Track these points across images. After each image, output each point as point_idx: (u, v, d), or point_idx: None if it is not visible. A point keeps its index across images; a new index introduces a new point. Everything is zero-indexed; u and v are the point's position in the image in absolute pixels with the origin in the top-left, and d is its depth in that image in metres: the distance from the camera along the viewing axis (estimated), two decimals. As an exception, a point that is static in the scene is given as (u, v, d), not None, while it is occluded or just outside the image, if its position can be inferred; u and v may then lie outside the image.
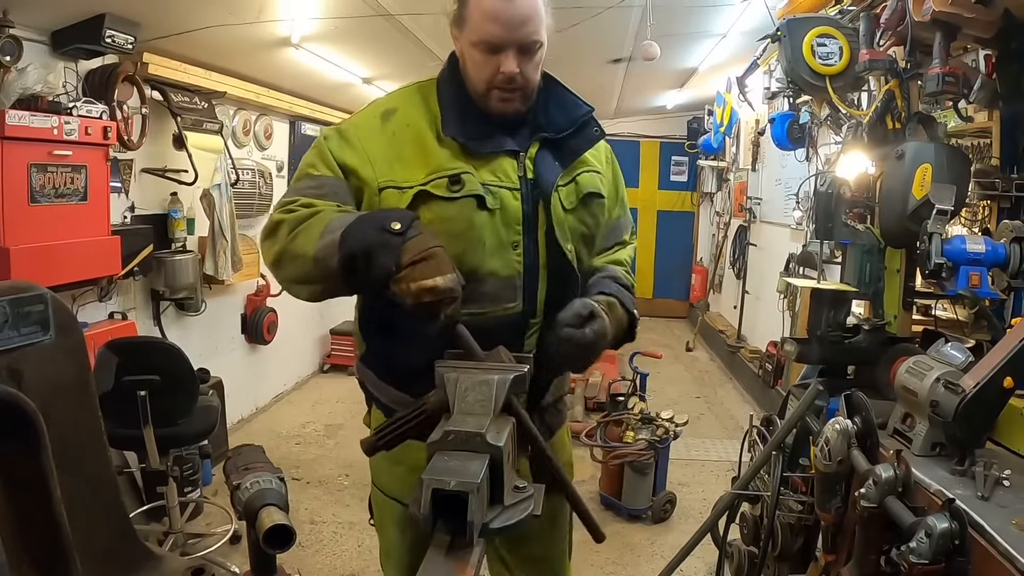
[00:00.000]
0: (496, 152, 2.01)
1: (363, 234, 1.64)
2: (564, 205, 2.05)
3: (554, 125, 2.08)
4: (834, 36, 3.48)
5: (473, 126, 2.01)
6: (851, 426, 2.33)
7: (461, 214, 1.95)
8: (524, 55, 1.94)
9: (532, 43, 1.94)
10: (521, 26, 1.90)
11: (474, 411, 1.42)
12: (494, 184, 1.98)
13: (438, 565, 1.25)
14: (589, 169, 2.14)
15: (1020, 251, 2.69)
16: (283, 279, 1.90)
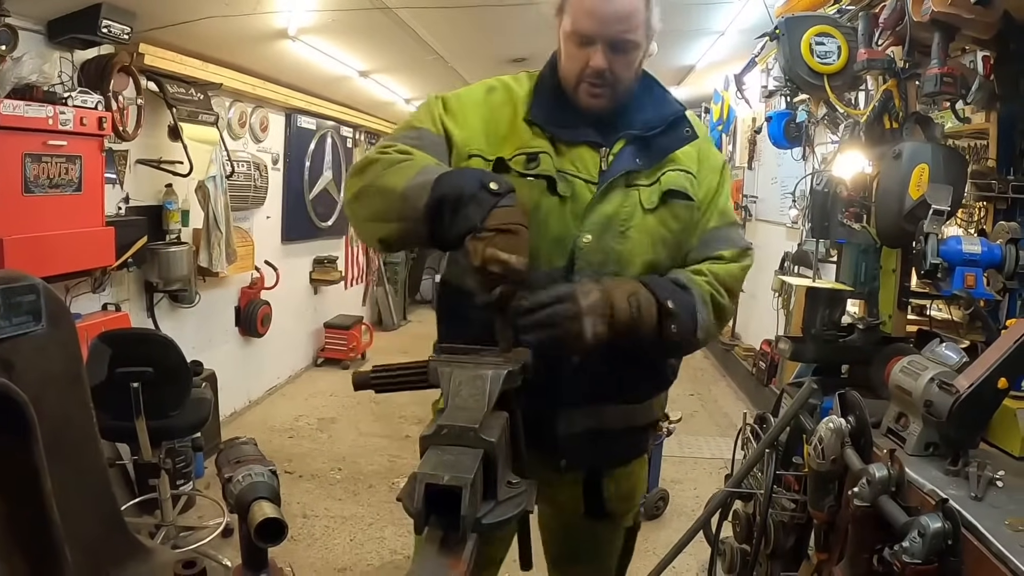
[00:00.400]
0: (578, 142, 2.03)
1: (460, 182, 1.66)
2: (644, 205, 2.00)
3: (643, 122, 2.05)
4: (832, 35, 3.48)
5: (560, 115, 2.04)
6: (845, 425, 2.33)
7: (530, 194, 1.96)
8: (616, 52, 1.94)
9: (625, 41, 1.93)
10: (615, 23, 1.90)
11: (468, 406, 1.42)
12: (571, 173, 2.00)
13: (431, 560, 1.25)
14: (677, 168, 2.06)
15: (1016, 252, 2.69)
16: (361, 215, 1.90)
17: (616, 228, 1.98)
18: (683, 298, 1.90)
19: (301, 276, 8.46)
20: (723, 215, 2.12)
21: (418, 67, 7.21)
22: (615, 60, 1.94)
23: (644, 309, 1.82)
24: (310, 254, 8.60)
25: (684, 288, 1.93)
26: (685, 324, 1.89)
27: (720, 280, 2.01)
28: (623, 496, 2.24)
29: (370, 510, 5.05)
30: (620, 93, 2.01)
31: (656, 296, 1.85)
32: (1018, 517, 1.81)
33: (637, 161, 2.01)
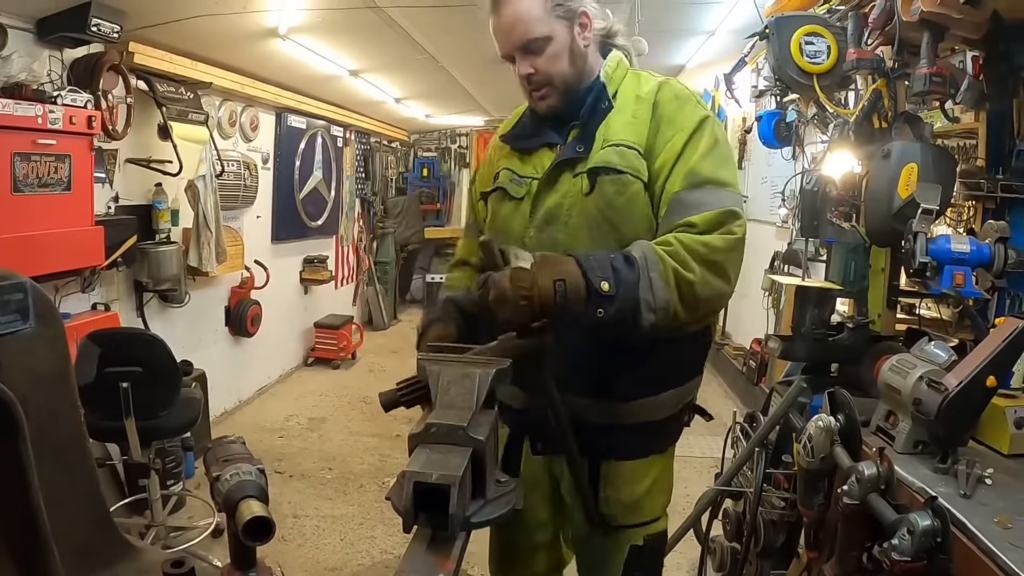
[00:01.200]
0: (535, 147, 2.16)
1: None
2: (583, 191, 2.02)
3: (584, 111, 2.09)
4: (822, 35, 3.48)
5: (527, 127, 2.23)
6: (834, 423, 2.33)
7: (494, 205, 2.23)
8: (531, 54, 2.03)
9: (530, 41, 2.01)
10: (511, 32, 2.02)
11: (456, 404, 1.42)
12: (530, 176, 2.13)
13: (420, 558, 1.25)
14: (610, 144, 2.01)
15: (1004, 251, 2.70)
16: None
17: (560, 219, 2.04)
18: (625, 277, 1.76)
19: (291, 276, 8.44)
20: (691, 176, 1.93)
21: (408, 66, 7.20)
22: (536, 61, 2.03)
23: (572, 292, 1.71)
24: (300, 253, 8.57)
25: (631, 264, 1.78)
26: (622, 307, 1.75)
27: (690, 251, 1.81)
28: (624, 505, 2.15)
29: (360, 509, 5.04)
30: (563, 87, 2.08)
31: (588, 278, 1.73)
32: (1007, 515, 1.81)
33: (578, 149, 2.04)
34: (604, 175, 1.98)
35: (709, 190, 1.92)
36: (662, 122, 2.01)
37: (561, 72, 2.05)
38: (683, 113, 2.02)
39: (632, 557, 2.19)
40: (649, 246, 1.83)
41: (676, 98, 2.06)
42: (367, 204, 10.77)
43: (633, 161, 1.98)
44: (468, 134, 12.90)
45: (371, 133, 10.63)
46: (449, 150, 12.99)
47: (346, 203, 9.74)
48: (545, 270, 1.73)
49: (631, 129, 2.03)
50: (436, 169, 12.74)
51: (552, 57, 2.03)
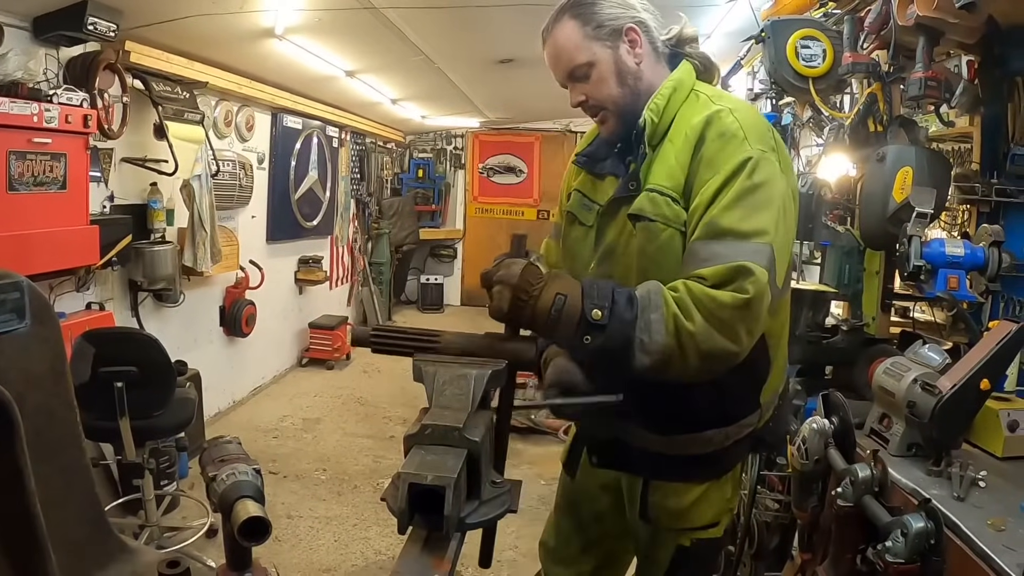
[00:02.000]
0: (604, 173, 2.17)
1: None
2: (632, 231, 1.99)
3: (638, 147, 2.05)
4: (818, 38, 3.49)
5: (599, 149, 2.20)
6: (828, 425, 2.34)
7: (566, 227, 2.27)
8: (578, 81, 2.04)
9: (574, 69, 2.03)
10: (557, 63, 2.06)
11: (452, 405, 1.42)
12: (598, 202, 2.15)
13: (414, 559, 1.25)
14: (648, 188, 1.95)
15: (998, 255, 2.71)
16: None
17: (616, 254, 2.04)
18: (621, 314, 1.71)
19: (286, 276, 8.43)
20: (710, 225, 1.81)
21: (405, 67, 7.20)
22: (584, 88, 2.04)
23: (566, 312, 1.70)
24: (295, 254, 8.57)
25: (632, 303, 1.73)
26: (609, 341, 1.71)
27: (696, 301, 1.72)
28: (670, 511, 2.14)
29: (355, 510, 5.04)
30: (620, 110, 2.04)
31: (583, 305, 1.70)
32: (1000, 517, 1.82)
33: (631, 187, 2.00)
34: (639, 221, 1.94)
35: (727, 242, 1.78)
36: (702, 164, 1.89)
37: (611, 96, 2.03)
38: (724, 154, 1.86)
39: (678, 557, 2.19)
40: (657, 287, 1.76)
41: (721, 136, 1.89)
42: (362, 205, 10.76)
43: (663, 209, 1.90)
44: (464, 135, 12.88)
45: (367, 134, 10.62)
46: (445, 151, 12.97)
47: (341, 204, 9.74)
48: (554, 283, 1.73)
49: (669, 172, 1.93)
50: (431, 170, 12.72)
51: (599, 82, 2.02)
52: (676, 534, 2.18)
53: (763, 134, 1.91)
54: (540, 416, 6.45)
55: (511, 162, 12.87)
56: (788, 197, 1.91)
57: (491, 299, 1.73)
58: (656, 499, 2.15)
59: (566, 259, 2.26)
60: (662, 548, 2.22)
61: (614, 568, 2.53)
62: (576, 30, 1.99)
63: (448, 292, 12.77)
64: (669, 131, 1.98)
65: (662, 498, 2.14)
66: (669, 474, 2.13)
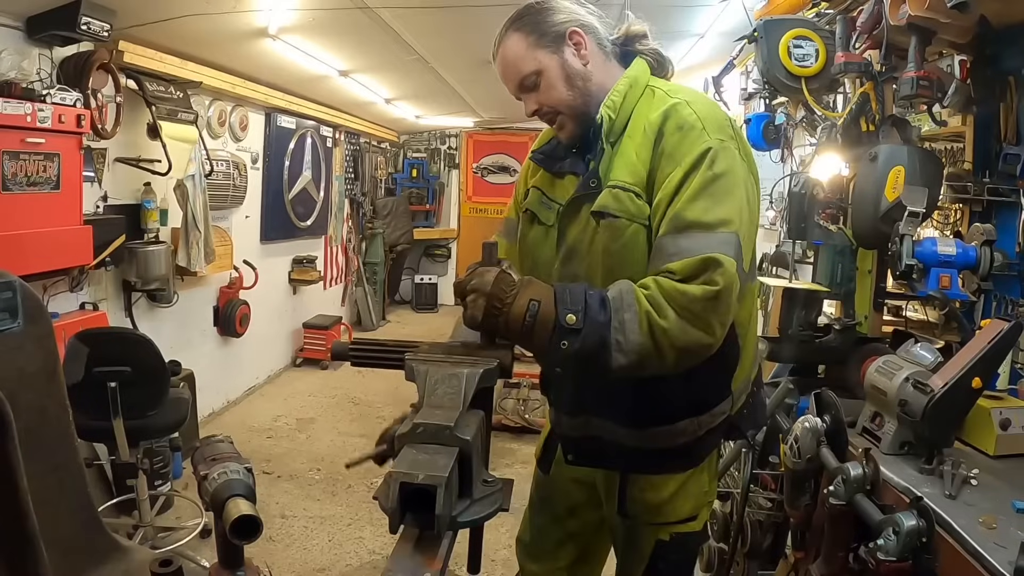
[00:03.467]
0: (563, 172, 2.15)
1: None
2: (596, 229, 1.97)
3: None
4: (810, 38, 3.49)
5: (560, 149, 2.18)
6: (821, 424, 2.35)
7: (523, 227, 2.25)
8: (529, 91, 2.05)
9: (523, 79, 2.03)
10: (506, 76, 2.08)
11: (443, 404, 1.42)
12: (558, 201, 2.12)
13: (407, 558, 1.25)
14: (609, 184, 1.95)
15: (991, 254, 2.72)
16: None
17: (580, 253, 2.02)
18: (595, 316, 1.73)
19: (280, 276, 8.42)
20: (675, 219, 1.82)
21: (398, 67, 7.19)
22: (537, 96, 2.04)
23: (540, 318, 1.73)
24: (289, 254, 8.56)
25: (604, 305, 1.75)
26: (586, 344, 1.73)
27: (668, 297, 1.73)
28: (649, 506, 2.14)
29: (349, 510, 5.04)
30: (574, 112, 2.04)
31: (557, 311, 1.73)
32: (992, 515, 1.83)
33: (591, 184, 1.99)
34: (602, 218, 1.93)
35: (693, 235, 1.79)
36: (662, 157, 1.89)
37: (562, 100, 2.03)
38: (684, 146, 1.87)
39: (657, 551, 2.20)
40: (629, 287, 1.78)
41: (679, 128, 1.89)
42: (356, 205, 10.75)
43: (627, 204, 1.90)
44: (458, 135, 12.88)
45: (361, 133, 10.62)
46: (439, 151, 12.97)
47: (335, 203, 9.73)
48: (527, 289, 1.76)
49: (631, 168, 1.93)
50: (425, 170, 12.73)
51: (548, 88, 2.02)
52: (655, 528, 2.18)
53: (721, 123, 1.92)
54: (534, 415, 6.46)
55: (505, 162, 12.86)
56: (750, 184, 1.93)
57: (465, 308, 1.77)
58: (634, 493, 2.15)
59: (525, 259, 2.24)
60: (641, 543, 2.22)
61: (590, 563, 2.52)
62: (520, 41, 2.01)
63: (442, 292, 12.72)
64: (627, 127, 1.99)
65: (640, 492, 2.15)
66: (645, 467, 2.13)
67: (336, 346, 1.76)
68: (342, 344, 1.74)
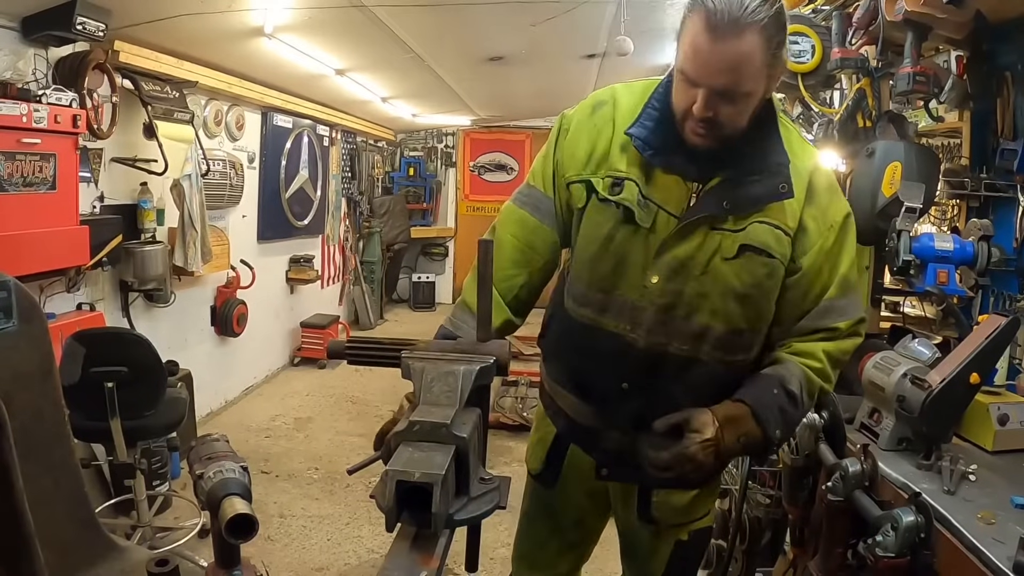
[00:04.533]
0: (671, 169, 1.92)
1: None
2: (723, 253, 1.87)
3: (745, 165, 1.88)
4: (806, 34, 3.49)
5: (661, 136, 1.91)
6: (818, 420, 2.35)
7: (607, 220, 1.96)
8: (724, 100, 1.76)
9: (732, 92, 1.75)
10: (722, 72, 1.73)
11: (439, 402, 1.42)
12: (656, 202, 1.92)
13: (403, 557, 1.25)
14: (766, 221, 1.88)
15: (988, 249, 2.72)
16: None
17: (691, 272, 1.89)
18: (791, 417, 1.91)
19: (277, 275, 8.41)
20: (844, 284, 1.94)
21: (395, 66, 7.19)
22: (722, 107, 1.77)
23: (752, 445, 1.88)
24: (286, 253, 8.55)
25: (794, 402, 1.89)
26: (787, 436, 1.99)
27: (834, 364, 1.97)
28: (673, 508, 2.15)
29: (347, 509, 5.04)
30: (727, 136, 1.84)
31: (764, 431, 1.85)
32: (990, 510, 1.83)
33: (724, 205, 1.86)
34: (756, 254, 1.87)
35: (851, 296, 1.99)
36: (818, 214, 1.91)
37: (737, 129, 1.83)
38: (834, 207, 1.95)
39: (677, 551, 2.22)
40: (802, 373, 1.92)
41: (830, 188, 1.96)
42: (353, 203, 10.75)
43: (786, 248, 1.89)
44: (455, 134, 12.87)
45: (357, 132, 10.61)
46: (436, 149, 12.96)
47: (332, 202, 9.72)
48: (729, 433, 1.84)
49: (788, 210, 1.89)
50: (422, 168, 12.72)
51: (739, 114, 1.80)
52: (676, 529, 2.20)
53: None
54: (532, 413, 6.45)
55: (502, 160, 12.86)
56: None
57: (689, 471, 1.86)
58: (660, 499, 2.15)
59: (605, 256, 1.97)
60: (660, 546, 2.23)
61: (580, 567, 2.54)
62: (760, 52, 1.71)
63: (440, 290, 12.72)
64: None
65: (666, 496, 2.15)
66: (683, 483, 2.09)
67: (332, 345, 1.75)
68: (338, 343, 1.73)
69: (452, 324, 2.04)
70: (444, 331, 2.00)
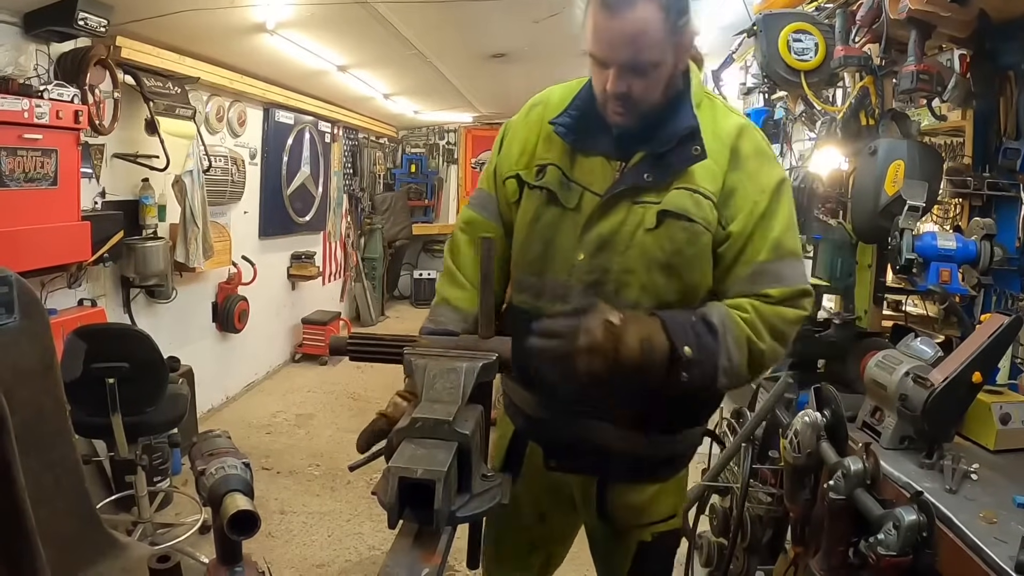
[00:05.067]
0: (594, 152, 1.97)
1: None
2: (646, 224, 1.89)
3: (663, 136, 1.90)
4: (810, 32, 3.49)
5: (584, 122, 1.98)
6: (820, 419, 2.34)
7: (534, 205, 2.04)
8: (635, 75, 1.81)
9: (640, 64, 1.79)
10: (624, 46, 1.78)
11: (442, 399, 1.42)
12: (582, 184, 1.97)
13: (405, 553, 1.25)
14: (685, 187, 1.89)
15: (991, 248, 2.71)
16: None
17: (615, 247, 1.91)
18: (707, 344, 1.78)
19: (279, 272, 8.42)
20: (776, 248, 1.89)
21: (397, 62, 7.19)
22: (634, 82, 1.82)
23: (656, 354, 1.73)
24: (288, 249, 8.56)
25: (712, 331, 1.80)
26: (702, 372, 1.78)
27: (765, 322, 1.85)
28: (630, 508, 2.14)
29: (348, 506, 5.04)
30: (647, 111, 1.88)
31: (672, 342, 1.74)
32: (992, 510, 1.82)
33: (646, 177, 1.89)
34: (676, 219, 1.87)
35: (789, 262, 1.92)
36: (744, 178, 1.91)
37: (652, 101, 1.87)
38: (764, 172, 1.94)
39: (639, 552, 2.19)
40: (726, 312, 1.84)
41: (759, 154, 1.96)
42: (355, 200, 10.75)
43: (707, 212, 1.88)
44: (456, 130, 12.86)
45: (359, 129, 10.61)
46: (437, 146, 12.96)
47: (334, 199, 9.72)
48: (632, 328, 1.73)
49: (710, 176, 1.90)
50: (424, 165, 12.72)
51: (654, 84, 1.84)
52: (637, 530, 2.18)
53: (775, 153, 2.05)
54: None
55: (504, 157, 12.82)
56: None
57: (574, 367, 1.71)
58: (614, 497, 2.14)
59: (533, 241, 2.03)
60: (624, 545, 2.21)
61: (553, 566, 2.51)
62: (660, 21, 1.76)
63: (441, 287, 12.70)
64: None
65: (620, 496, 2.13)
66: (634, 475, 2.12)
67: (334, 341, 1.75)
68: (340, 339, 1.73)
69: (434, 323, 2.08)
70: (427, 330, 2.02)
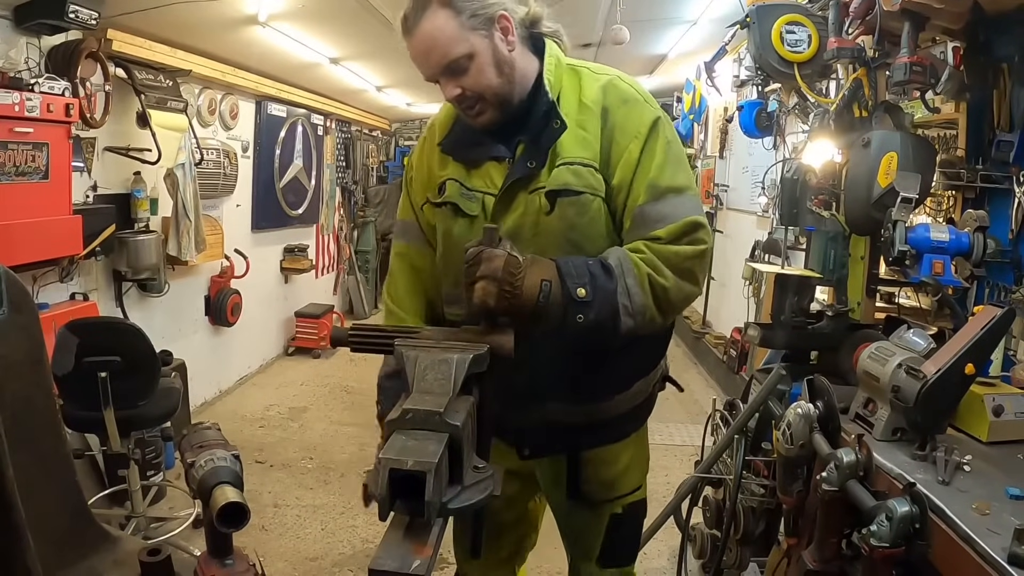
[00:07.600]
0: (483, 159, 2.03)
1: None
2: (543, 209, 1.93)
3: (528, 123, 1.98)
4: (803, 24, 3.49)
5: (469, 136, 2.06)
6: (813, 410, 2.34)
7: (444, 221, 2.08)
8: (455, 75, 1.91)
9: (449, 64, 1.90)
10: (428, 56, 1.92)
11: (433, 390, 1.41)
12: (480, 190, 2.01)
13: (396, 545, 1.24)
14: (562, 162, 1.93)
15: (983, 240, 2.72)
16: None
17: (523, 238, 1.92)
18: (602, 284, 1.77)
19: (271, 265, 8.41)
20: (651, 188, 1.90)
21: (389, 54, 7.15)
22: (462, 80, 1.92)
23: (552, 297, 1.72)
24: (280, 242, 8.54)
25: (608, 272, 1.79)
26: (599, 313, 1.76)
27: (663, 259, 1.83)
28: (603, 482, 2.22)
29: (341, 499, 5.03)
30: (497, 101, 1.96)
31: (564, 282, 1.74)
32: (985, 501, 1.82)
33: (529, 164, 1.95)
34: (563, 197, 1.92)
35: (670, 200, 1.90)
36: (615, 131, 1.95)
37: (491, 86, 1.93)
38: (633, 117, 1.96)
39: (612, 525, 2.26)
40: (624, 253, 1.84)
41: (624, 102, 1.98)
42: (348, 193, 10.74)
43: (589, 179, 1.93)
44: (449, 123, 12.85)
45: (352, 122, 10.60)
46: (431, 139, 12.95)
47: (326, 192, 9.71)
48: (535, 268, 1.72)
49: (583, 144, 1.95)
50: (417, 158, 12.71)
51: (478, 73, 1.90)
52: (608, 504, 2.25)
53: (650, 94, 2.05)
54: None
55: (496, 150, 12.83)
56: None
57: (472, 295, 1.67)
58: (588, 474, 2.20)
59: (452, 254, 2.03)
60: (596, 521, 2.27)
61: (523, 551, 2.57)
62: (450, 20, 1.87)
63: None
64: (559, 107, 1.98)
65: (594, 472, 2.20)
66: (606, 438, 2.19)
67: (336, 332, 1.74)
68: (341, 330, 1.73)
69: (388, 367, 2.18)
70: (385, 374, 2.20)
